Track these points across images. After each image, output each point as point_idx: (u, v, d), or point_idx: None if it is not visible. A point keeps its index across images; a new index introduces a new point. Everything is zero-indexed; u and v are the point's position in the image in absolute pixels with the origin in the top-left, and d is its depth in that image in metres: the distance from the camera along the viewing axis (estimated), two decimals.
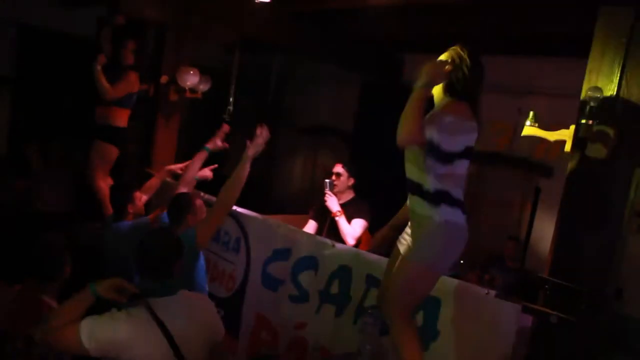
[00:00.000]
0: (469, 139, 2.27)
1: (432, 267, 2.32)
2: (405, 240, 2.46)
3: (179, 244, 2.29)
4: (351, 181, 3.95)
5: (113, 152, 4.39)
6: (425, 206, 2.27)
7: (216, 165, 3.82)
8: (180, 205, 3.14)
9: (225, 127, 3.74)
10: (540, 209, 5.09)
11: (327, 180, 3.92)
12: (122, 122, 4.39)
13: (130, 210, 3.51)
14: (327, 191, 3.87)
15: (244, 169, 2.97)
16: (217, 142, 3.71)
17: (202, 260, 3.10)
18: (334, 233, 3.79)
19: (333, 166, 4.06)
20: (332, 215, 3.83)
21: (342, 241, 3.71)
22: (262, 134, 3.03)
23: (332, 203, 3.85)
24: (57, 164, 5.13)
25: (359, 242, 3.84)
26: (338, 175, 3.93)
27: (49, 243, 2.62)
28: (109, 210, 4.19)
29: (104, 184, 4.31)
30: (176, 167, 4.13)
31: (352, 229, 3.79)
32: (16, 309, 2.49)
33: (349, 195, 3.97)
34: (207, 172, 3.84)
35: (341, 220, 3.79)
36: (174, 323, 2.10)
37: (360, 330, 2.70)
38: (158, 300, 2.13)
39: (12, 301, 2.54)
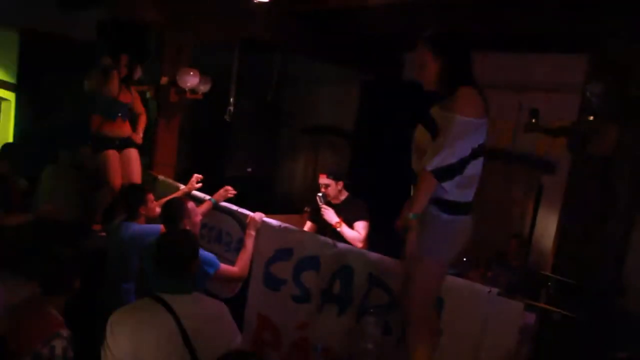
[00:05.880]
0: (476, 139, 2.25)
1: (437, 256, 2.34)
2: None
3: (195, 243, 2.35)
4: (340, 185, 3.93)
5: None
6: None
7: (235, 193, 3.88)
8: (173, 211, 3.16)
9: (229, 188, 3.85)
10: (543, 205, 5.07)
11: (318, 195, 3.90)
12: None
13: (142, 212, 3.49)
14: (322, 205, 3.86)
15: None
16: (223, 195, 3.82)
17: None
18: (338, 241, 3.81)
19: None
20: (333, 226, 3.80)
21: None
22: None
23: (330, 216, 3.82)
24: (65, 171, 5.11)
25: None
26: (326, 186, 3.91)
27: (63, 258, 2.59)
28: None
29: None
30: (191, 187, 4.10)
31: (357, 234, 3.79)
32: (23, 323, 2.44)
33: (342, 196, 3.97)
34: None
35: (344, 229, 3.78)
36: (188, 320, 2.10)
37: (362, 330, 2.69)
38: (174, 296, 2.14)
39: (18, 312, 2.50)
